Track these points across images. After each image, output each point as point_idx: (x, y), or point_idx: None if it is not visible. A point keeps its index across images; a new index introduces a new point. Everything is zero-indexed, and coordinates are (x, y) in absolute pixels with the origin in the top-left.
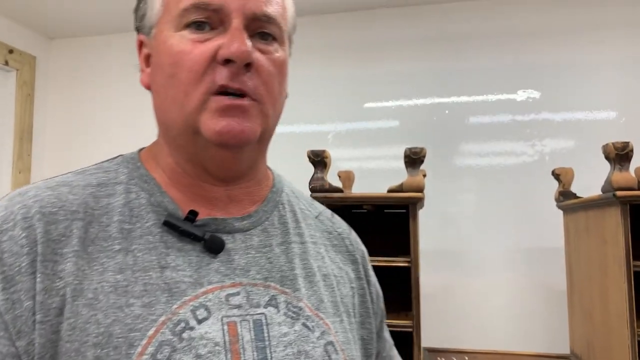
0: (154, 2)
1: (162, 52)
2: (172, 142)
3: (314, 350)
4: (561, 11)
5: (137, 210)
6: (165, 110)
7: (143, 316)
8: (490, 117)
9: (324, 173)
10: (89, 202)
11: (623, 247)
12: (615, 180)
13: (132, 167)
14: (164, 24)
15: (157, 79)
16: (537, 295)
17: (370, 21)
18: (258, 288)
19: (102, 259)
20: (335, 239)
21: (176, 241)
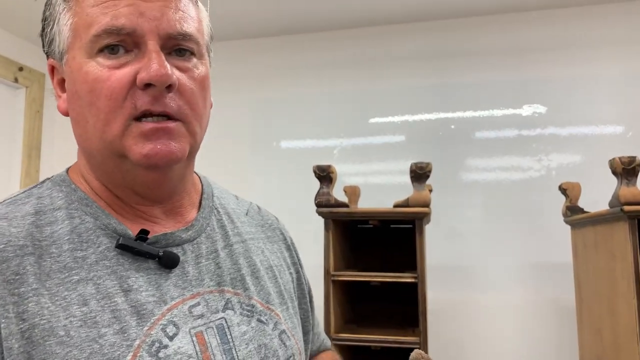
0: (62, 27)
1: (77, 80)
2: (97, 169)
3: (271, 342)
4: (567, 27)
5: (85, 235)
6: (86, 138)
7: (118, 343)
8: (496, 132)
9: (329, 188)
10: (34, 233)
11: (632, 262)
12: (622, 195)
13: (68, 191)
14: (76, 50)
15: (75, 106)
16: (545, 311)
17: (376, 37)
18: (214, 295)
19: (63, 292)
20: (268, 230)
21: (132, 262)
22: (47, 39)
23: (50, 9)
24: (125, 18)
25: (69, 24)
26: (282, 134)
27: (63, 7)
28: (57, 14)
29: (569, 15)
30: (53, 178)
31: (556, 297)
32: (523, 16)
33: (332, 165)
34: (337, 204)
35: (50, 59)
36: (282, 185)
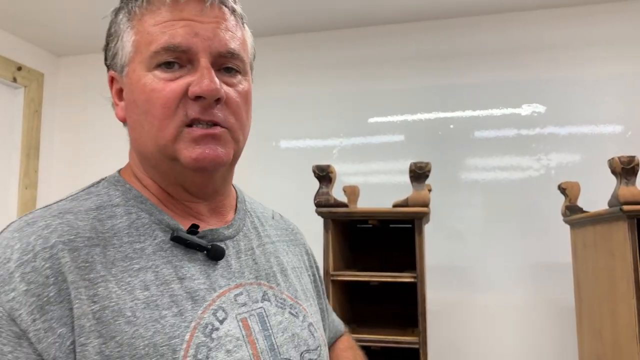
0: (125, 43)
1: (135, 90)
2: (152, 170)
3: (302, 332)
4: (566, 26)
5: (142, 229)
6: (141, 142)
7: (177, 324)
8: (496, 132)
9: (329, 188)
10: (97, 226)
11: (631, 262)
12: (621, 194)
13: (123, 189)
14: (136, 64)
15: (132, 113)
16: (545, 311)
17: (375, 37)
18: (253, 286)
19: (127, 279)
20: (290, 234)
21: (184, 253)
22: (111, 53)
23: (115, 26)
24: (182, 37)
25: (131, 41)
26: (282, 133)
27: (127, 25)
28: (121, 32)
29: (568, 15)
30: (107, 178)
31: (556, 297)
32: (522, 16)
33: (331, 165)
34: (336, 204)
35: (111, 71)
36: (282, 185)
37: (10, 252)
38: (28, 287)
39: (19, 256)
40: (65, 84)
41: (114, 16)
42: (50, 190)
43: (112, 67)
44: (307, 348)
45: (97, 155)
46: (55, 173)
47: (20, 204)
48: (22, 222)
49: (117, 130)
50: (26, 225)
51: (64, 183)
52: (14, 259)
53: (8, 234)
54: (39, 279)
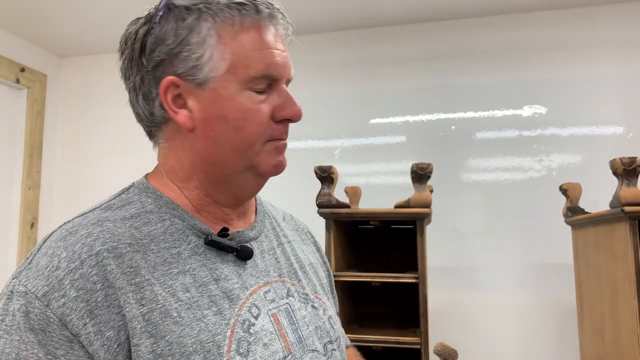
0: (215, 59)
1: (227, 106)
2: (206, 178)
3: (324, 325)
4: (568, 27)
5: (176, 234)
6: (220, 154)
7: (218, 322)
8: (497, 133)
9: (330, 189)
10: (135, 233)
11: (632, 263)
12: (623, 195)
13: (154, 197)
14: (229, 82)
15: (215, 127)
16: (546, 312)
17: (376, 38)
18: (278, 284)
19: (169, 282)
20: (302, 233)
21: (217, 255)
22: (187, 62)
23: (198, 37)
24: (275, 69)
25: (227, 59)
26: None
27: (216, 40)
28: (210, 47)
29: (569, 16)
30: (136, 185)
31: (557, 297)
32: (523, 17)
33: (333, 166)
34: (338, 205)
35: (175, 78)
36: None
37: (57, 261)
38: (77, 293)
39: (67, 264)
40: (68, 85)
41: (192, 22)
42: (52, 191)
43: (181, 75)
44: (330, 339)
45: (99, 156)
46: (57, 174)
47: (23, 204)
48: (64, 231)
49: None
50: (69, 235)
51: (67, 184)
52: (62, 267)
53: (52, 243)
54: (87, 285)
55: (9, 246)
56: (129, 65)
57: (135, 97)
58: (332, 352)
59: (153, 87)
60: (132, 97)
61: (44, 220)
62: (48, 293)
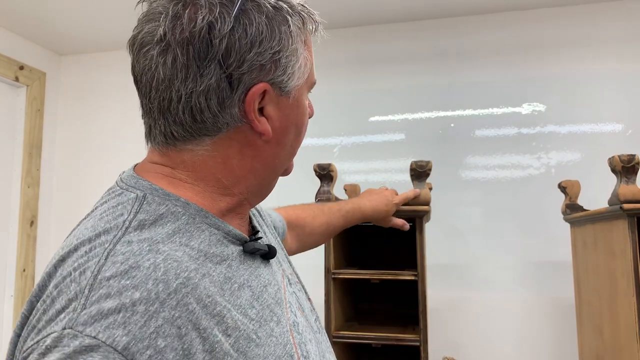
0: (304, 67)
1: (300, 114)
2: (265, 182)
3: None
4: (567, 25)
5: (219, 245)
6: (281, 160)
7: (282, 332)
8: (496, 131)
9: (330, 186)
10: (189, 252)
11: (631, 260)
12: (622, 193)
13: (182, 204)
14: (303, 89)
15: (288, 134)
16: (546, 309)
17: (375, 36)
18: (285, 275)
19: (237, 301)
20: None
21: (253, 259)
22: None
23: (292, 42)
24: None
25: (308, 67)
26: None
27: (303, 49)
28: (300, 54)
29: (568, 13)
30: (151, 192)
31: (556, 295)
32: (523, 15)
33: (332, 164)
34: None
35: (268, 85)
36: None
37: (131, 303)
38: (165, 342)
39: (145, 308)
40: (67, 83)
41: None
42: (52, 189)
43: (274, 83)
44: (316, 316)
45: (99, 154)
46: (57, 172)
47: (23, 202)
48: (122, 265)
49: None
50: (131, 269)
51: (66, 182)
52: (140, 311)
53: (114, 281)
54: (173, 330)
55: (9, 244)
56: (194, 64)
57: (203, 102)
58: (323, 330)
59: (235, 92)
60: (195, 102)
61: (44, 218)
62: (130, 345)
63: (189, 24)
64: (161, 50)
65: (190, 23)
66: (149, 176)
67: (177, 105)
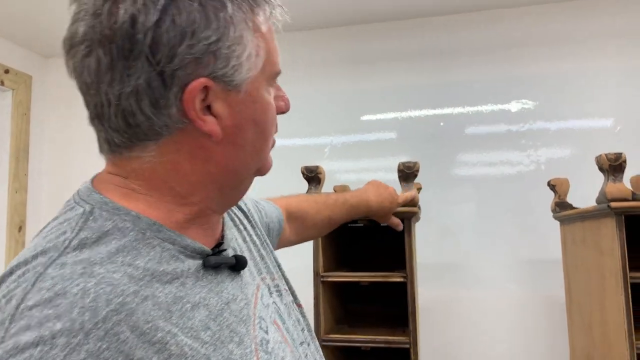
0: (253, 57)
1: (259, 109)
2: (227, 187)
3: (296, 314)
4: (554, 22)
5: (173, 262)
6: (244, 160)
7: (244, 354)
8: (486, 128)
9: (318, 189)
10: (132, 273)
11: (619, 259)
12: (609, 191)
13: (131, 219)
14: (260, 82)
15: (244, 133)
16: (537, 307)
17: (365, 35)
18: (262, 284)
19: (187, 323)
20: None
21: (216, 274)
22: (227, 62)
23: (235, 30)
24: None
25: (261, 56)
26: None
27: (252, 36)
28: (248, 42)
29: (555, 10)
30: (100, 206)
31: (548, 293)
32: (510, 12)
33: (320, 166)
34: None
35: (208, 79)
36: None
37: (50, 336)
38: None
39: (67, 340)
40: (54, 86)
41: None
42: (40, 193)
43: (216, 78)
44: (302, 326)
45: (87, 158)
46: (45, 176)
47: (10, 207)
48: (48, 292)
49: None
50: (56, 297)
51: (55, 186)
52: (60, 344)
53: (35, 311)
54: None
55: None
56: (119, 64)
57: (134, 105)
58: (312, 339)
59: (170, 91)
60: (126, 105)
61: (32, 223)
62: None
63: (109, 19)
64: (85, 52)
65: (110, 19)
66: (103, 188)
67: (108, 110)
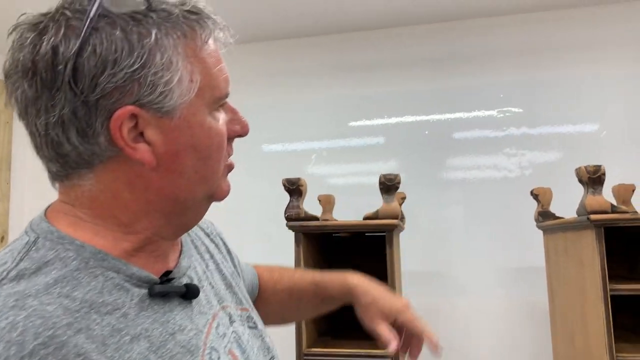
0: (185, 83)
1: (197, 135)
2: (172, 215)
3: (263, 343)
4: (539, 31)
5: (115, 292)
6: (187, 188)
7: None
8: (473, 133)
9: (299, 201)
10: (68, 305)
11: (599, 272)
12: (588, 204)
13: (75, 248)
14: (198, 107)
15: (183, 160)
16: (522, 316)
17: (355, 43)
18: (221, 313)
19: (125, 356)
20: (211, 234)
21: (163, 303)
22: (153, 89)
23: (163, 56)
24: (229, 85)
25: (196, 81)
26: (264, 138)
27: (185, 62)
28: (178, 68)
29: (543, 19)
30: (43, 236)
31: (533, 300)
32: (498, 22)
33: (302, 178)
34: (307, 217)
35: (135, 107)
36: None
37: None
38: None
39: None
40: None
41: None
42: (23, 203)
43: (144, 105)
44: (271, 356)
45: None
46: (27, 185)
47: None
48: None
49: None
50: None
51: (37, 195)
52: None
53: None
54: None
55: None
56: (44, 95)
57: (60, 135)
58: None
59: (96, 120)
60: (53, 135)
61: (15, 234)
62: None
63: (32, 51)
64: (13, 85)
65: (33, 50)
66: (53, 216)
67: (39, 140)
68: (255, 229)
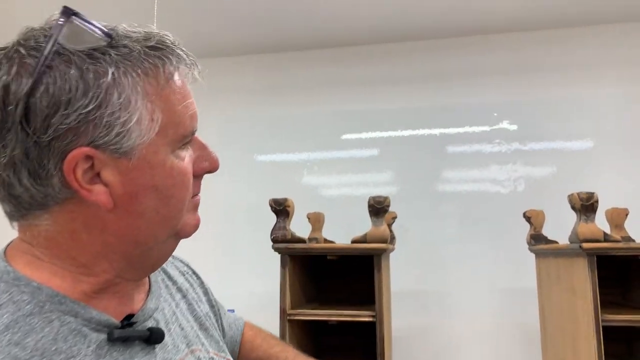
0: (144, 122)
1: (159, 175)
2: (133, 256)
3: None
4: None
5: (71, 338)
6: (147, 229)
7: None
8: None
9: (286, 222)
10: (18, 354)
11: (591, 301)
12: (581, 232)
13: (31, 290)
14: (159, 146)
15: (144, 200)
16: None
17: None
18: (189, 357)
19: None
20: (187, 275)
21: (124, 349)
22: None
23: (120, 96)
24: (196, 121)
25: (157, 120)
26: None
27: (144, 101)
28: (137, 107)
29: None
30: (0, 276)
31: (525, 321)
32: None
33: (289, 199)
34: (293, 239)
35: (90, 149)
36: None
37: None
38: None
39: None
40: None
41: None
42: None
43: (99, 145)
44: None
45: None
46: None
47: None
48: None
49: None
50: None
51: None
52: None
53: None
54: None
55: None
56: None
57: (12, 176)
58: None
59: (49, 161)
60: (4, 176)
61: None
62: None
63: None
64: None
65: None
66: (12, 254)
67: (6, 185)
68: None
